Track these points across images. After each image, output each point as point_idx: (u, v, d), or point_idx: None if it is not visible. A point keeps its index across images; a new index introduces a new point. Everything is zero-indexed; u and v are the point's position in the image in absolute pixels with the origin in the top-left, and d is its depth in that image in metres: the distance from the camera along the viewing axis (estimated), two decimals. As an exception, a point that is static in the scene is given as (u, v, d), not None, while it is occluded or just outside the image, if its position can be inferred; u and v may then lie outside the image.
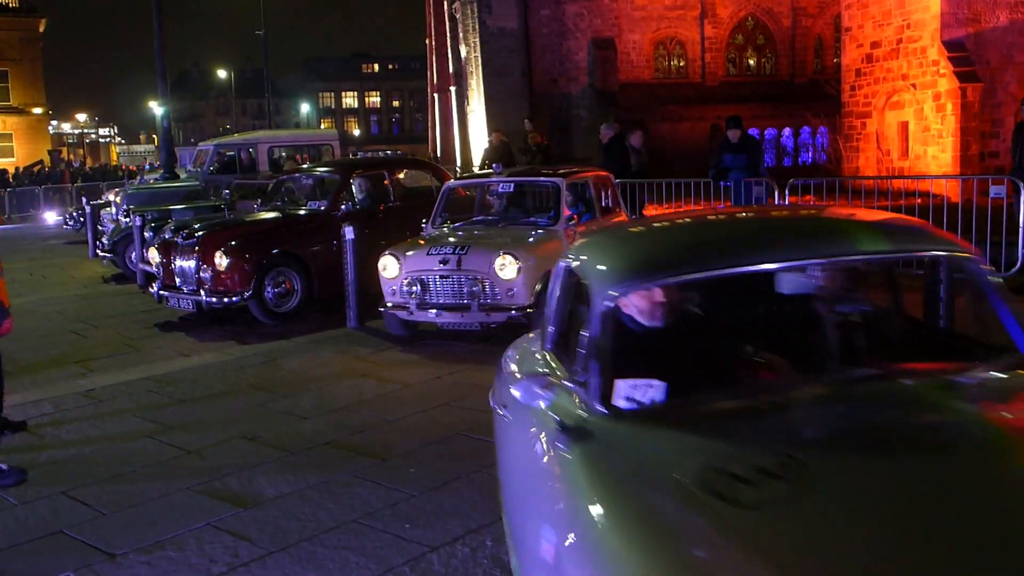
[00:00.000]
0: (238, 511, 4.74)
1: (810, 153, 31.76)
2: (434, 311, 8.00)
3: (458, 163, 33.90)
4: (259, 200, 12.47)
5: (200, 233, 9.97)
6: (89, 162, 60.37)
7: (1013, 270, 9.67)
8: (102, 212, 16.75)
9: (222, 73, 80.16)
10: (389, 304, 8.25)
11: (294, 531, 4.45)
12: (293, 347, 8.76)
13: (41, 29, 53.46)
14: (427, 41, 44.34)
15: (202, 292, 9.59)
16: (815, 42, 34.60)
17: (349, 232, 9.22)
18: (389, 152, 53.55)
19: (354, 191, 10.81)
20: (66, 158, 53.71)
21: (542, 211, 9.71)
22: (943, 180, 15.04)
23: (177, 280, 9.98)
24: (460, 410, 6.39)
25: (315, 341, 8.97)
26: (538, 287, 7.67)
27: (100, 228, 16.13)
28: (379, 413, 6.43)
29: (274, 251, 9.89)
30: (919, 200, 10.64)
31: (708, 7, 33.13)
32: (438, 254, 8.02)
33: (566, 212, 8.77)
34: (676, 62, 33.79)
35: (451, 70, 37.50)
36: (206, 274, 9.60)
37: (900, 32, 21.90)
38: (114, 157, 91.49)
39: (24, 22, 51.95)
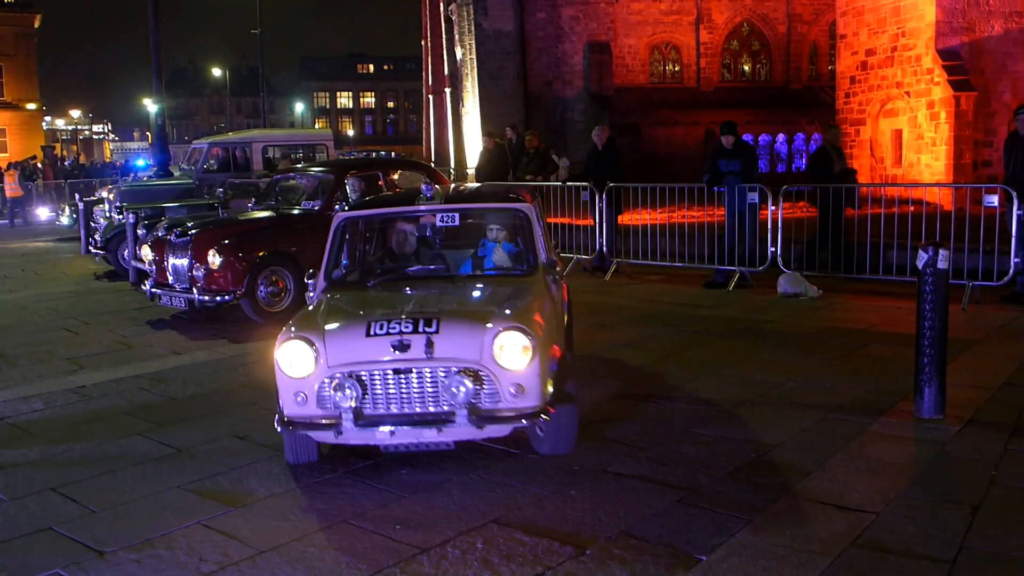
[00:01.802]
0: (228, 510, 4.73)
1: (804, 159, 31.86)
2: (387, 428, 4.91)
3: (452, 165, 33.91)
4: (252, 199, 12.47)
5: (193, 231, 9.97)
6: (83, 159, 60.13)
7: (1005, 279, 9.70)
8: (95, 209, 16.70)
9: (217, 71, 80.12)
10: (295, 420, 5.09)
11: (284, 531, 4.44)
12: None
13: (36, 25, 53.37)
14: (423, 42, 44.38)
15: (195, 290, 9.59)
16: (810, 49, 34.73)
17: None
18: (384, 153, 53.47)
19: (348, 191, 10.80)
20: (59, 154, 53.55)
21: (470, 246, 6.85)
22: (936, 188, 15.09)
23: (170, 278, 9.99)
24: (452, 412, 6.38)
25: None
26: (550, 386, 5.04)
27: (93, 225, 16.09)
28: (371, 414, 6.41)
29: (267, 250, 9.88)
30: (912, 208, 10.65)
31: (704, 12, 33.22)
32: (388, 333, 4.93)
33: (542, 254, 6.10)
34: (671, 67, 33.87)
35: (447, 72, 37.55)
36: (199, 272, 9.59)
37: (895, 40, 21.98)
38: (107, 154, 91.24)
39: (19, 17, 51.87)
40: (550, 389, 5.03)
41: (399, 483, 5.02)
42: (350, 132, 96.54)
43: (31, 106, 52.03)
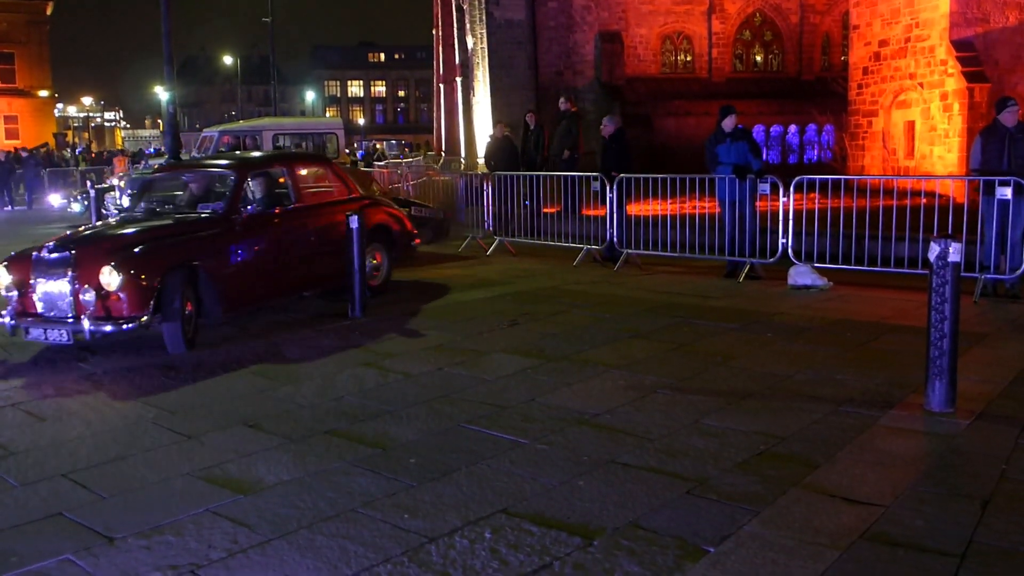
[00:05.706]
0: (237, 497, 4.74)
1: (815, 151, 31.77)
2: None
3: (463, 154, 33.89)
4: (120, 205, 11.03)
5: (74, 246, 8.09)
6: (95, 146, 60.34)
7: (1017, 273, 9.62)
8: (106, 196, 16.77)
9: (228, 59, 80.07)
10: None
11: (293, 518, 4.45)
12: (296, 336, 8.76)
13: (48, 12, 53.49)
14: (434, 31, 44.31)
15: (84, 319, 7.65)
16: (823, 39, 34.54)
17: (354, 221, 9.20)
18: (393, 141, 53.51)
19: (253, 191, 9.44)
20: (71, 141, 53.77)
21: None
22: (949, 180, 14.99)
23: (38, 306, 7.97)
24: (461, 402, 6.40)
25: (317, 330, 8.98)
26: None
27: (104, 212, 16.16)
28: (380, 403, 6.43)
29: (174, 263, 8.15)
30: (924, 200, 10.58)
31: (716, 2, 33.08)
32: None
33: None
34: (683, 57, 33.75)
35: (457, 61, 37.48)
36: (87, 296, 7.76)
37: (908, 31, 21.85)
38: (119, 141, 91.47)
39: (31, 5, 52.00)
40: None
41: (408, 472, 5.03)
42: (361, 121, 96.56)
43: (43, 93, 52.20)
